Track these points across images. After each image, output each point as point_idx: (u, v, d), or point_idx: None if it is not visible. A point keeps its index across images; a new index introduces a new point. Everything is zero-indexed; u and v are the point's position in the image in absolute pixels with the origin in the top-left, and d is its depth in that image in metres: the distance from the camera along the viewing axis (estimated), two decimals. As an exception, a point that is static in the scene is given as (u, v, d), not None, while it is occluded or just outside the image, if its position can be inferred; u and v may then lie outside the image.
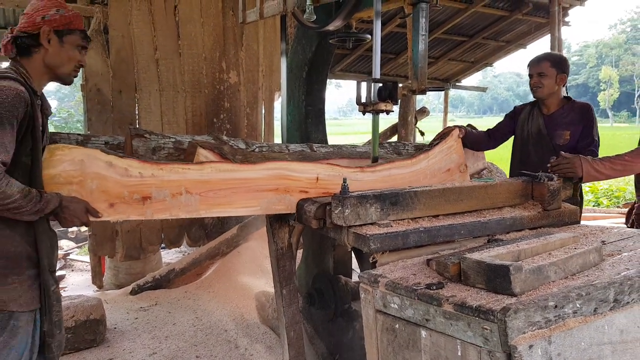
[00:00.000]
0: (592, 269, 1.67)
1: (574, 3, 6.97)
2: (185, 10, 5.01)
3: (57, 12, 1.87)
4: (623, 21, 61.27)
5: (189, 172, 1.98)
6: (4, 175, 1.65)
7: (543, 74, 3.01)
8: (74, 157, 1.83)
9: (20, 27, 1.86)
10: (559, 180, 2.40)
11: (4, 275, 1.75)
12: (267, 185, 2.14)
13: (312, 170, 2.23)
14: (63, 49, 1.89)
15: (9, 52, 1.86)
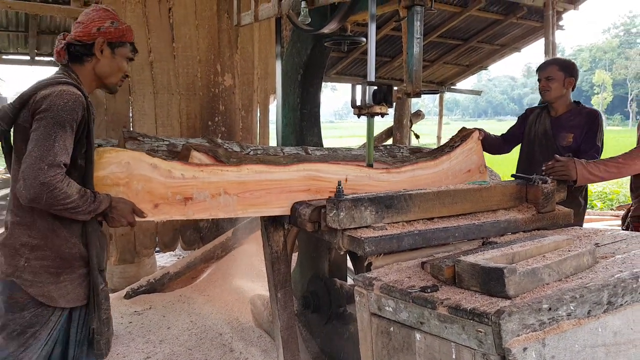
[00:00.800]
0: (586, 272, 1.68)
1: (568, 7, 7.01)
2: (180, 12, 5.01)
3: (111, 25, 1.94)
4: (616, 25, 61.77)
5: (227, 173, 2.05)
6: (65, 177, 1.71)
7: (551, 77, 3.10)
8: (121, 159, 1.90)
9: (75, 35, 1.92)
10: (553, 183, 2.41)
11: (56, 274, 1.82)
12: (300, 186, 2.20)
13: (341, 171, 2.30)
14: (114, 60, 1.97)
15: (62, 58, 1.92)
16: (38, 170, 1.66)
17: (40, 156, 1.67)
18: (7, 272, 1.81)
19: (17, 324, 1.81)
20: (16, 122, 1.81)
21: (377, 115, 2.53)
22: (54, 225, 1.82)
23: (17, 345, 1.82)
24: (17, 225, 1.82)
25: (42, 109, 1.73)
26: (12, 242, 1.81)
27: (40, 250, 1.81)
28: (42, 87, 1.79)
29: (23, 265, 1.80)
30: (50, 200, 1.68)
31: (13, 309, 1.81)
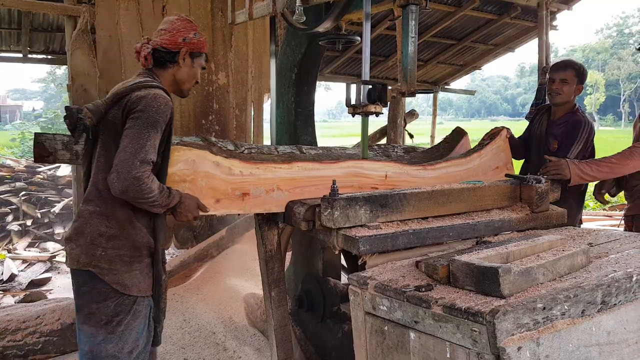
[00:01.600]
0: (580, 271, 1.69)
1: (562, 7, 7.03)
2: (174, 10, 4.97)
3: (194, 36, 2.10)
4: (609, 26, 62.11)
5: (280, 170, 2.18)
6: (151, 173, 1.85)
7: (566, 80, 3.02)
8: (187, 157, 2.02)
9: (161, 42, 2.06)
10: (547, 182, 2.42)
11: (129, 262, 1.94)
12: (344, 182, 2.29)
13: (382, 168, 2.41)
14: (192, 69, 2.13)
15: (149, 63, 2.07)
16: (131, 166, 1.80)
17: (134, 152, 1.81)
18: (85, 262, 1.91)
19: (103, 313, 1.91)
20: (106, 117, 1.93)
21: (371, 114, 2.52)
22: (130, 216, 1.94)
23: (106, 333, 1.91)
24: (96, 215, 1.92)
25: (138, 109, 1.87)
26: (90, 232, 1.91)
27: (117, 240, 1.92)
28: (137, 89, 1.93)
29: (100, 254, 1.90)
30: (137, 193, 1.82)
31: (97, 298, 1.91)
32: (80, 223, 1.94)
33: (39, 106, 41.05)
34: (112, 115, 1.92)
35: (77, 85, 4.65)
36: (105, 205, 1.92)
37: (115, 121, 1.91)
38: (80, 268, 1.92)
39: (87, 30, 4.66)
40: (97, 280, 1.91)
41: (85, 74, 4.68)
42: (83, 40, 4.63)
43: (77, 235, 1.94)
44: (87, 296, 1.93)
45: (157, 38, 2.07)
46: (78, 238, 1.93)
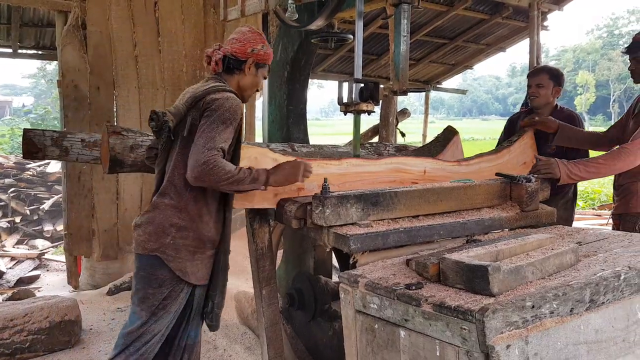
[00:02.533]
0: (569, 270, 1.70)
1: (553, 8, 7.07)
2: (166, 6, 4.95)
3: (262, 48, 2.24)
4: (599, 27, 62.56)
5: (330, 166, 2.31)
6: (220, 157, 1.97)
7: (541, 85, 3.21)
8: (250, 155, 2.17)
9: (232, 50, 2.21)
10: (537, 182, 2.43)
11: (193, 252, 2.11)
12: (387, 177, 2.44)
13: (421, 164, 2.55)
14: (255, 78, 2.27)
15: (219, 68, 2.22)
16: (200, 154, 1.94)
17: (203, 144, 1.96)
18: (152, 248, 2.07)
19: (156, 298, 2.09)
20: (185, 119, 2.08)
21: (363, 112, 2.53)
22: (201, 211, 2.11)
23: (149, 315, 2.09)
24: (170, 208, 2.08)
25: (212, 108, 2.02)
26: (162, 221, 2.07)
27: (185, 231, 2.09)
28: (212, 92, 2.08)
29: (168, 242, 2.07)
30: (213, 177, 1.93)
31: (153, 284, 2.08)
32: (155, 213, 2.09)
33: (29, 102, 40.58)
34: (192, 116, 2.07)
35: (67, 81, 4.61)
36: (180, 199, 2.08)
37: (194, 122, 2.06)
38: (145, 253, 2.08)
39: (78, 25, 4.62)
40: (159, 266, 2.07)
41: (76, 69, 4.65)
42: (74, 35, 4.60)
43: (147, 224, 2.09)
44: (144, 281, 2.09)
45: (228, 46, 2.23)
46: (148, 226, 2.09)
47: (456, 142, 3.06)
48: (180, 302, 2.15)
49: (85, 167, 4.67)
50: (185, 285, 2.13)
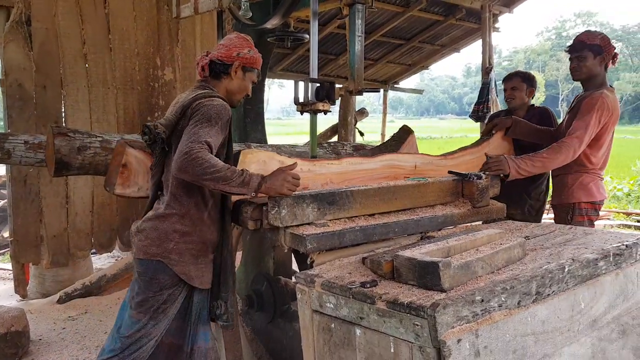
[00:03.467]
0: (517, 264, 1.75)
1: (504, 10, 7.28)
2: (116, 3, 4.79)
3: (248, 52, 2.26)
4: (549, 29, 65.07)
5: (332, 166, 2.42)
6: (207, 151, 1.93)
7: (515, 87, 3.50)
8: (259, 158, 2.24)
9: (218, 55, 2.24)
10: (487, 178, 2.50)
11: (196, 256, 2.13)
12: (382, 173, 2.56)
13: (412, 160, 2.71)
14: (243, 82, 2.29)
15: (205, 73, 2.26)
16: (182, 146, 1.94)
17: (187, 138, 1.96)
18: (154, 253, 2.08)
19: (155, 301, 2.10)
20: (176, 128, 2.09)
21: (320, 112, 2.53)
22: (203, 216, 2.13)
23: (148, 319, 2.10)
24: (173, 216, 2.10)
25: (198, 112, 2.04)
26: (165, 228, 2.09)
27: (189, 236, 2.11)
28: (200, 98, 2.09)
29: (172, 247, 2.08)
30: (196, 168, 1.88)
31: (154, 287, 2.09)
32: (158, 221, 2.10)
33: (-28, 102, 38.53)
34: (181, 125, 2.08)
35: (11, 80, 4.41)
36: (181, 207, 2.10)
37: (184, 130, 2.05)
38: (147, 258, 2.09)
39: (22, 21, 4.42)
40: (161, 271, 2.08)
41: (21, 68, 4.44)
42: (17, 32, 4.39)
43: (150, 230, 2.10)
44: (145, 285, 2.10)
45: (215, 52, 2.26)
46: (151, 232, 2.09)
47: (411, 141, 3.13)
48: (177, 305, 2.16)
49: (32, 170, 4.47)
50: (184, 289, 2.15)
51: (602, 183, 3.07)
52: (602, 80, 3.00)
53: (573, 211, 2.99)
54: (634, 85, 50.86)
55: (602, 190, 3.02)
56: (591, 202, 2.97)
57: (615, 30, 58.35)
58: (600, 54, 2.95)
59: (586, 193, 2.96)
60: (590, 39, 2.97)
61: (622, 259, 1.91)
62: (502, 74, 5.13)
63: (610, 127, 2.94)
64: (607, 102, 2.86)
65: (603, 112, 2.85)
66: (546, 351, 1.57)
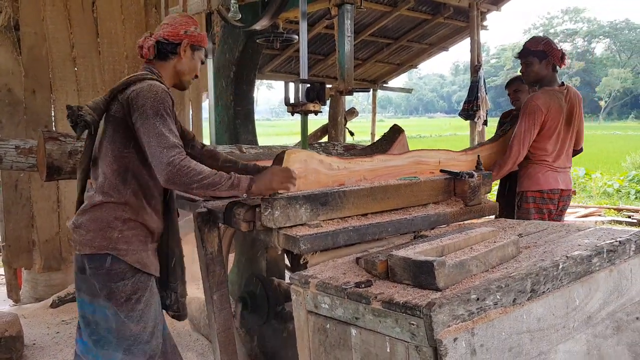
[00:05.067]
0: (511, 262, 1.76)
1: (491, 8, 7.32)
2: (104, 6, 4.77)
3: (195, 30, 2.18)
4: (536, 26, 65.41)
5: (365, 163, 2.48)
6: (186, 156, 1.90)
7: (518, 90, 3.80)
8: (301, 158, 2.24)
9: (164, 34, 2.13)
10: (479, 177, 2.52)
11: (145, 242, 2.05)
12: (409, 169, 2.66)
13: (436, 156, 2.80)
14: (192, 61, 2.20)
15: (151, 54, 2.13)
16: (160, 155, 1.87)
17: (157, 144, 1.88)
18: (101, 245, 1.97)
19: (121, 291, 1.99)
20: (108, 113, 2.00)
21: (310, 112, 2.53)
22: (143, 204, 2.05)
23: (127, 311, 2.00)
24: (111, 204, 2.00)
25: (139, 104, 1.93)
26: (105, 217, 1.98)
27: (132, 222, 2.02)
28: (131, 83, 1.99)
29: (117, 237, 1.98)
30: (182, 178, 1.86)
31: (114, 278, 1.99)
32: (95, 211, 2.00)
33: (-42, 107, 38.01)
34: (114, 110, 1.99)
35: (0, 85, 4.37)
36: (120, 196, 2.00)
37: (118, 115, 1.99)
38: (94, 252, 1.98)
39: (10, 26, 4.39)
40: (113, 261, 1.98)
41: (9, 72, 4.41)
42: (6, 37, 4.36)
43: (89, 222, 1.99)
44: (104, 277, 1.99)
45: (160, 31, 2.15)
46: (90, 224, 1.99)
47: (402, 139, 3.15)
48: (155, 292, 2.10)
49: (23, 175, 4.44)
50: (147, 276, 2.06)
51: (557, 174, 3.23)
52: (550, 80, 3.25)
53: (520, 199, 3.24)
54: (622, 81, 51.33)
55: (553, 180, 3.19)
56: (539, 191, 3.18)
57: (603, 26, 58.89)
58: (545, 58, 3.21)
59: (533, 182, 3.19)
60: (534, 45, 3.25)
61: (616, 255, 1.93)
62: (490, 71, 5.20)
63: (549, 122, 3.15)
64: (536, 104, 3.13)
65: (535, 114, 3.11)
66: (542, 348, 1.58)
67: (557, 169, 3.22)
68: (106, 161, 2.01)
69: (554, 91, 3.20)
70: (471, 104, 6.39)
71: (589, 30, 59.63)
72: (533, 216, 3.16)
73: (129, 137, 1.99)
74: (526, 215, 3.17)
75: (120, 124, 1.99)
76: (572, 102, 3.22)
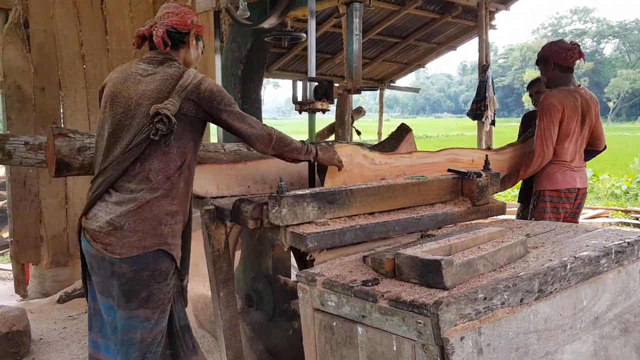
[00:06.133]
0: (518, 261, 1.75)
1: (500, 7, 7.29)
2: (113, 4, 4.79)
3: (197, 19, 2.17)
4: (545, 26, 65.12)
5: (404, 159, 2.61)
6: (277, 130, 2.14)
7: (539, 91, 3.82)
8: (347, 152, 2.38)
9: (172, 23, 2.08)
10: (486, 177, 2.51)
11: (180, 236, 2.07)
12: (444, 166, 2.75)
13: (470, 154, 2.95)
14: (197, 50, 2.21)
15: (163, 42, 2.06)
16: (261, 132, 2.08)
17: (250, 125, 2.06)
18: (153, 244, 1.94)
19: (162, 292, 1.99)
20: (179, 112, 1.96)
21: (318, 111, 2.53)
22: (189, 191, 2.11)
23: (161, 312, 2.00)
24: (160, 199, 1.97)
25: (219, 99, 2.01)
26: (156, 214, 1.96)
27: (178, 216, 2.04)
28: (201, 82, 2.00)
29: (167, 232, 1.99)
30: (281, 144, 2.13)
31: (159, 278, 1.97)
32: (143, 210, 1.93)
33: (-32, 104, 38.37)
34: (186, 109, 1.98)
35: (9, 82, 4.41)
36: (173, 188, 2.00)
37: (190, 114, 2.00)
38: (143, 252, 1.93)
39: (19, 24, 4.42)
40: (161, 259, 1.97)
41: (19, 69, 4.44)
42: (15, 34, 4.39)
43: (137, 222, 1.92)
44: (148, 278, 1.95)
45: (166, 20, 2.09)
46: (139, 224, 1.92)
47: (409, 139, 3.15)
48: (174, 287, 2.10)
49: (31, 171, 4.47)
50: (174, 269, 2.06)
51: (574, 173, 3.29)
52: (560, 81, 3.32)
53: (537, 198, 3.30)
54: (631, 82, 50.95)
55: (570, 179, 3.26)
56: (556, 190, 3.24)
57: (612, 26, 58.50)
58: (547, 61, 3.33)
59: (551, 181, 3.25)
60: (540, 53, 3.43)
61: (624, 256, 1.92)
62: (498, 71, 5.21)
63: (566, 120, 3.21)
64: (551, 101, 3.20)
65: (551, 111, 3.17)
66: (549, 349, 1.57)
67: (574, 168, 3.28)
68: (164, 158, 1.96)
69: (568, 90, 3.25)
70: (479, 104, 6.37)
71: (598, 30, 59.26)
72: (548, 215, 3.20)
73: (195, 132, 2.05)
74: (541, 214, 3.22)
75: (191, 121, 2.01)
76: (588, 103, 3.26)
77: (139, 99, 1.97)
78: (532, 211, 3.30)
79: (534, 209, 3.27)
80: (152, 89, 1.97)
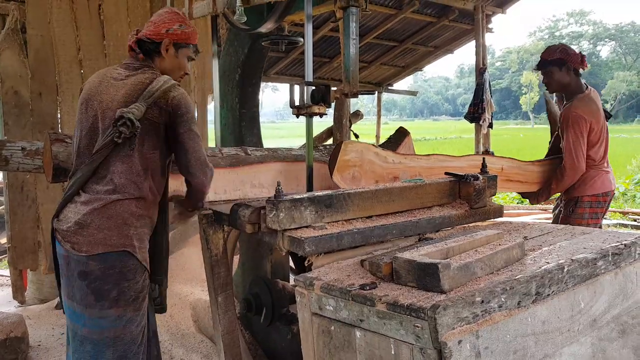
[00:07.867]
0: (516, 264, 1.76)
1: (496, 11, 7.33)
2: (111, 9, 4.80)
3: (179, 28, 2.15)
4: (541, 29, 65.34)
5: (421, 160, 2.60)
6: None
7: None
8: (357, 148, 2.42)
9: (146, 33, 2.13)
10: (484, 179, 2.51)
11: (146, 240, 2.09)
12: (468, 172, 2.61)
13: (498, 162, 2.91)
14: (176, 59, 2.19)
15: (134, 50, 2.13)
16: (205, 159, 2.10)
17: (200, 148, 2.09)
18: (118, 243, 1.97)
19: (132, 289, 2.01)
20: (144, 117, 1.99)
21: (315, 115, 2.53)
22: (157, 199, 2.13)
23: (133, 310, 2.01)
24: (125, 200, 2.00)
25: (183, 112, 2.04)
26: (121, 213, 1.99)
27: (144, 219, 2.06)
28: (170, 89, 2.03)
29: (132, 234, 2.01)
30: (210, 179, 2.15)
31: (128, 275, 2.00)
32: (108, 209, 1.98)
33: (-35, 109, 38.31)
34: (151, 115, 2.01)
35: (7, 87, 4.40)
36: (138, 191, 2.03)
37: (154, 120, 2.02)
38: (110, 251, 1.96)
39: (17, 29, 4.42)
40: (127, 258, 1.99)
41: (16, 75, 4.44)
42: (13, 39, 4.40)
43: (103, 220, 1.97)
44: (117, 276, 1.97)
45: (144, 29, 2.15)
46: (104, 222, 1.97)
47: (407, 142, 3.17)
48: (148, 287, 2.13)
49: (29, 177, 4.47)
50: (147, 274, 2.10)
51: (608, 175, 3.29)
52: (575, 85, 3.24)
53: (575, 204, 3.24)
54: (628, 83, 51.16)
55: (607, 183, 3.26)
56: (594, 195, 3.21)
57: (609, 29, 58.78)
58: (565, 65, 3.20)
59: (589, 187, 3.21)
60: (550, 55, 3.25)
61: (621, 258, 1.92)
62: (495, 74, 5.21)
63: (595, 127, 3.18)
64: (577, 113, 3.13)
65: (579, 124, 3.12)
66: (547, 351, 1.58)
67: (607, 171, 3.29)
68: (127, 161, 2.01)
69: (587, 97, 3.23)
70: (476, 107, 6.40)
71: (595, 32, 59.52)
72: (586, 221, 3.18)
73: (159, 139, 2.05)
74: (579, 220, 3.19)
75: (154, 127, 2.03)
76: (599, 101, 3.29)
77: (109, 103, 2.02)
78: (568, 217, 3.25)
79: (572, 215, 3.23)
80: (122, 94, 2.02)
